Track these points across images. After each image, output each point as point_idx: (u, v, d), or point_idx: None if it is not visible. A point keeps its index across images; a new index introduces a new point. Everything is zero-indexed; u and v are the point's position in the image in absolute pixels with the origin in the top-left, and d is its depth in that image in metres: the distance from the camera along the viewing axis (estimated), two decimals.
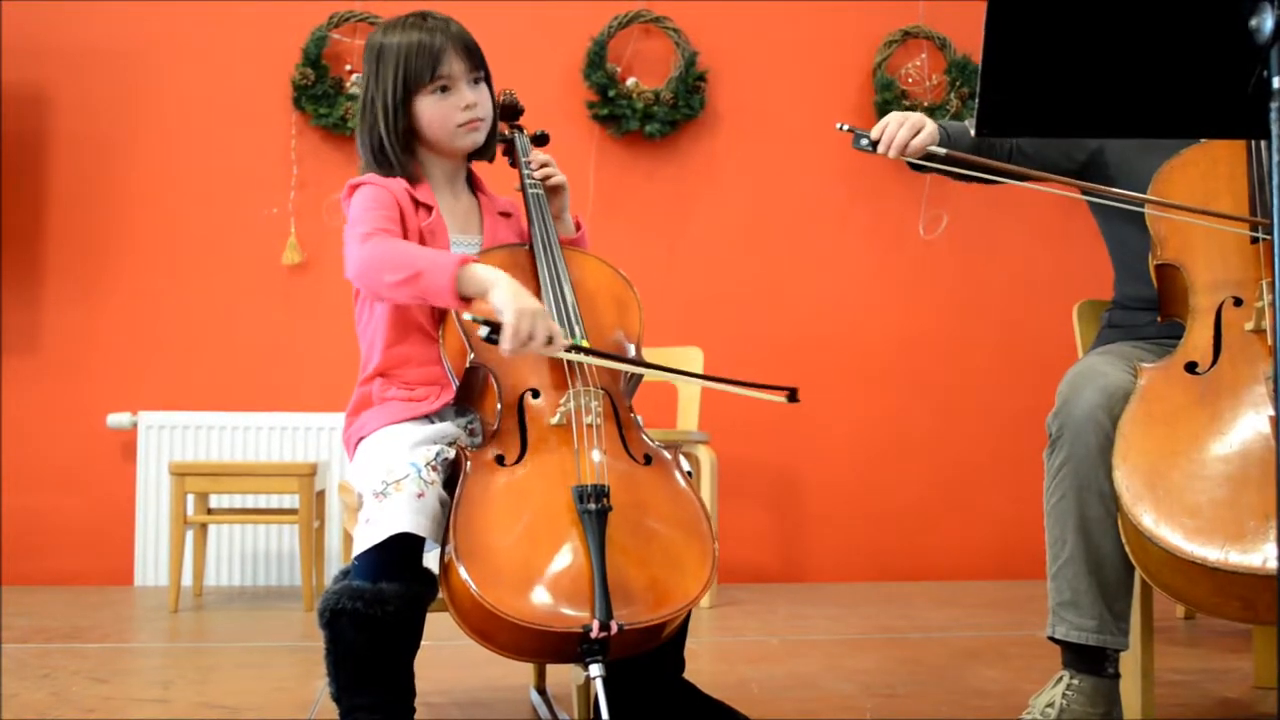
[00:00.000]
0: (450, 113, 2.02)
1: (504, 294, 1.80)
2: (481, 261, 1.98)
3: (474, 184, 2.18)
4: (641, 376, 2.04)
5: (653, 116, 4.56)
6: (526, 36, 4.52)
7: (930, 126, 2.16)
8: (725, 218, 4.70)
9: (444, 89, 2.01)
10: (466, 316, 1.82)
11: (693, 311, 4.60)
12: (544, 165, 2.16)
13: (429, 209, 2.04)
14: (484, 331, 1.79)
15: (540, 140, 2.23)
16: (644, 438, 1.95)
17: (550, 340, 1.81)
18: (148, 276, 4.49)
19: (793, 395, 1.89)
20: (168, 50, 4.53)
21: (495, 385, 1.91)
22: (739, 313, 4.66)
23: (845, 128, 2.16)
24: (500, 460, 1.84)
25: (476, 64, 2.05)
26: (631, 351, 2.04)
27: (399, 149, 2.02)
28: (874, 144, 2.16)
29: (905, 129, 2.14)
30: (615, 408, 1.94)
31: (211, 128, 4.53)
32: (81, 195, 4.48)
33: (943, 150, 2.15)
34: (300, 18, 4.50)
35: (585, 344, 1.93)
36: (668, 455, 1.93)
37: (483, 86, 2.07)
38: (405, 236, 1.98)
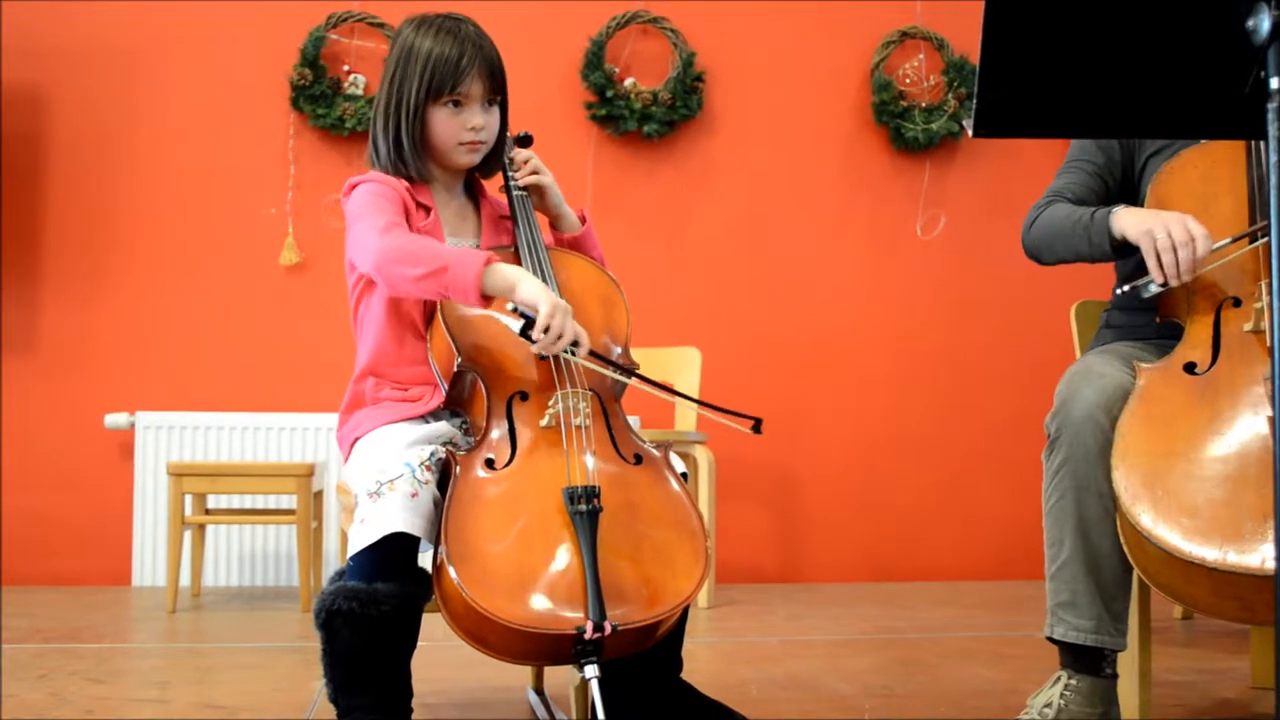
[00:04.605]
0: (456, 130, 2.03)
1: (533, 288, 1.82)
2: None
3: (475, 188, 2.18)
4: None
5: (651, 117, 4.56)
6: (524, 36, 4.51)
7: (1192, 223, 1.90)
8: (723, 218, 4.70)
9: (457, 103, 2.02)
10: (507, 309, 1.83)
11: (691, 312, 4.60)
12: (526, 164, 2.16)
13: (427, 210, 2.05)
14: (519, 326, 1.80)
15: (524, 141, 2.22)
16: (634, 437, 1.95)
17: (576, 343, 1.83)
18: (145, 277, 4.49)
19: (757, 426, 1.89)
20: (166, 50, 4.53)
21: (483, 388, 1.90)
22: (737, 313, 4.66)
23: (1123, 290, 1.98)
24: (490, 463, 1.84)
25: (496, 88, 2.05)
26: (618, 352, 2.03)
27: (416, 151, 2.03)
28: (1164, 285, 1.91)
29: (1185, 251, 1.88)
30: (604, 408, 1.94)
31: (209, 128, 4.53)
32: (80, 195, 4.48)
33: (1226, 239, 1.95)
34: (298, 18, 4.50)
35: None
36: (658, 454, 1.93)
37: (495, 110, 2.07)
38: None
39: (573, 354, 1.86)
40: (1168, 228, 1.92)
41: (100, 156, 4.49)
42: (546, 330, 1.80)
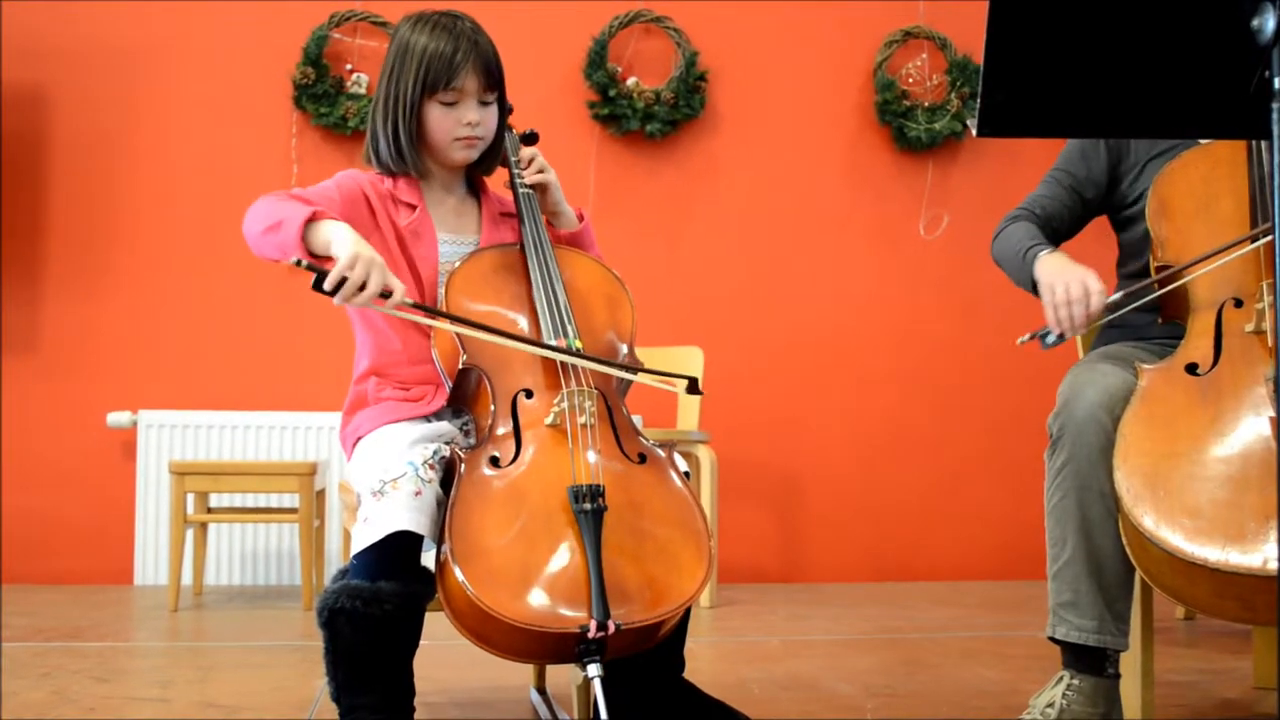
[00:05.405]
0: (451, 126, 2.03)
1: (344, 244, 1.76)
2: (472, 262, 1.99)
3: (476, 185, 2.18)
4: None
5: (653, 116, 4.56)
6: (527, 36, 4.52)
7: (1090, 280, 2.01)
8: (726, 217, 4.70)
9: (452, 99, 2.02)
10: (295, 261, 1.75)
11: (693, 311, 4.60)
12: (532, 162, 2.16)
13: (412, 207, 2.05)
14: (314, 280, 1.73)
15: (529, 139, 2.22)
16: (639, 437, 1.95)
17: (386, 294, 1.76)
18: (147, 275, 4.49)
19: (692, 386, 1.89)
20: (168, 49, 4.53)
21: (488, 386, 1.90)
22: (739, 312, 4.66)
23: (1024, 340, 2.11)
24: (495, 461, 1.83)
25: (492, 84, 2.05)
26: (624, 350, 2.03)
27: (413, 147, 2.04)
28: (1061, 337, 2.04)
29: (1078, 307, 2.00)
30: (609, 407, 1.94)
31: (212, 127, 4.53)
32: (81, 194, 4.48)
33: (1118, 294, 2.07)
34: (301, 17, 4.50)
35: (578, 345, 1.93)
36: (662, 454, 1.93)
37: (492, 107, 2.07)
38: (379, 235, 2.00)
39: (389, 305, 1.78)
40: (1067, 284, 2.02)
41: (101, 156, 4.49)
42: (343, 282, 1.72)
